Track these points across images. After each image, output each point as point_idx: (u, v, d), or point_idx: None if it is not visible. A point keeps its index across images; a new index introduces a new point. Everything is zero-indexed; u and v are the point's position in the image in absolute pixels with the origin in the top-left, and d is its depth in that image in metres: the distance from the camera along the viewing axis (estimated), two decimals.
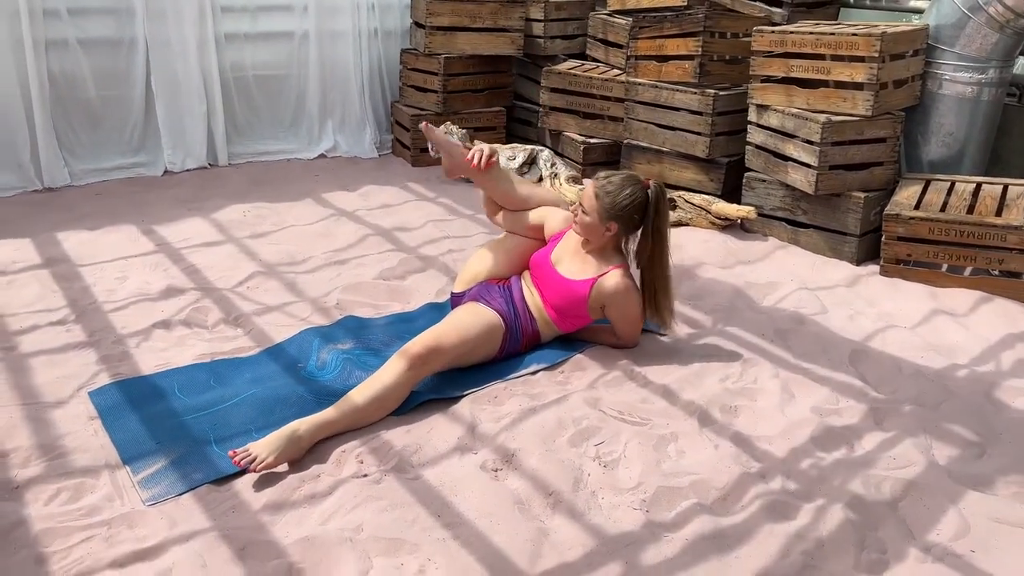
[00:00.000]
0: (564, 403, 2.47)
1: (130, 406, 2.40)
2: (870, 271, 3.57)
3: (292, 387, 2.50)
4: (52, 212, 4.03)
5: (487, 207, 3.04)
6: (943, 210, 3.43)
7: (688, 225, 4.02)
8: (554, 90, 4.86)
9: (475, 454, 2.25)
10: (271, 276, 3.35)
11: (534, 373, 2.65)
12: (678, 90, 4.22)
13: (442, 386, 2.55)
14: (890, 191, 3.71)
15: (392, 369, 2.40)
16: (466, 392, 2.52)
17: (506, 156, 4.56)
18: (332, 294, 3.20)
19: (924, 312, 3.18)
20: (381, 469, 2.17)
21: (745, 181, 4.01)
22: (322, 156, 5.19)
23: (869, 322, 3.10)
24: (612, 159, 4.70)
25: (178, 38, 4.66)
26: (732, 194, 4.16)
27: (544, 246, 2.87)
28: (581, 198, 2.71)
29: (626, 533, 1.97)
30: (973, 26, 3.69)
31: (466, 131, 4.69)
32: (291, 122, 5.22)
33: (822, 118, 3.58)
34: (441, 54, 4.96)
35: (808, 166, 3.63)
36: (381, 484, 2.11)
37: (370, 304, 3.15)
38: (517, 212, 2.93)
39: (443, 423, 2.38)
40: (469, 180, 3.06)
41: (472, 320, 2.62)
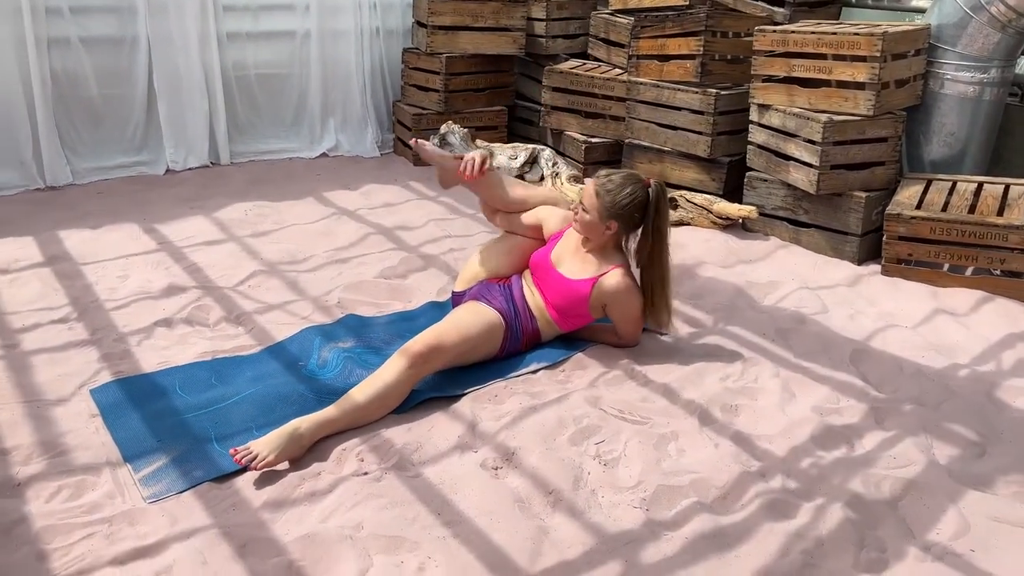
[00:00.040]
0: (565, 402, 2.47)
1: (131, 404, 2.41)
2: (871, 270, 3.57)
3: (293, 385, 2.51)
4: (54, 210, 4.03)
5: (484, 209, 3.05)
6: (944, 210, 3.43)
7: (689, 224, 4.02)
8: (556, 89, 4.86)
9: (475, 452, 2.25)
10: (272, 275, 3.36)
11: (535, 372, 2.65)
12: (680, 89, 4.22)
13: (443, 384, 2.55)
14: (891, 191, 3.71)
15: (393, 367, 2.40)
16: (467, 390, 2.52)
17: (507, 155, 4.55)
18: (333, 293, 3.20)
19: (925, 312, 3.18)
20: (382, 467, 2.17)
21: (746, 180, 4.01)
22: (324, 155, 5.20)
23: (870, 321, 3.09)
24: (614, 158, 4.70)
25: (180, 37, 4.67)
26: (733, 193, 4.16)
27: (543, 245, 2.87)
28: (581, 196, 2.71)
29: (626, 531, 1.97)
30: (975, 26, 3.69)
31: (468, 130, 4.68)
32: (293, 121, 5.22)
33: (824, 118, 3.58)
34: (443, 53, 4.96)
35: (809, 165, 3.63)
36: (381, 482, 2.11)
37: (371, 303, 3.15)
38: (515, 213, 2.94)
39: (444, 421, 2.38)
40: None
41: (473, 319, 2.63)
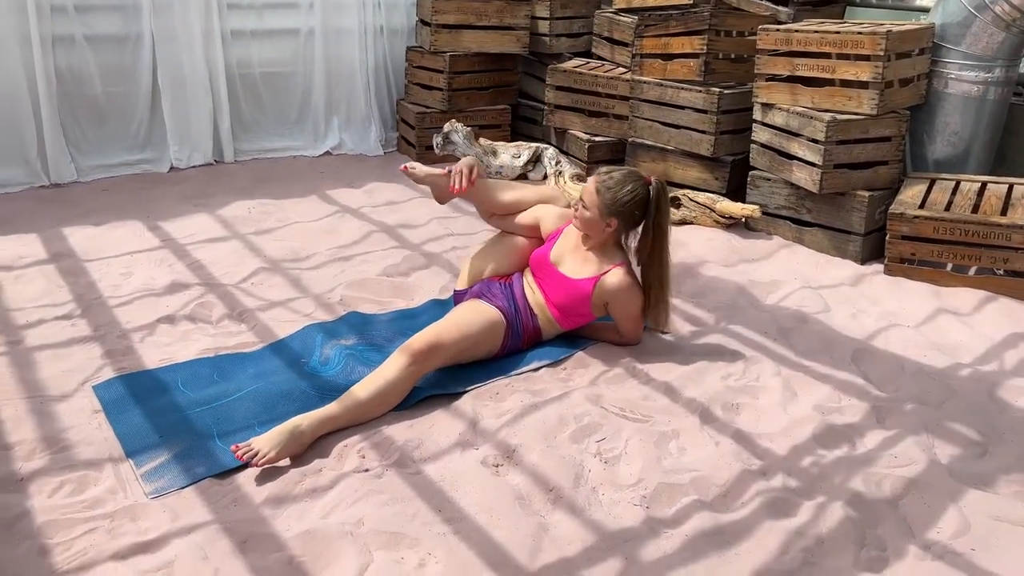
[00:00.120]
0: (566, 399, 2.47)
1: (134, 400, 2.42)
2: (874, 270, 3.56)
3: (295, 382, 2.51)
4: (58, 208, 4.04)
5: (482, 213, 3.06)
6: (948, 209, 3.42)
7: (692, 223, 4.02)
8: (559, 88, 4.86)
9: (476, 449, 2.25)
10: (275, 272, 3.36)
11: (536, 370, 2.65)
12: (683, 88, 4.21)
13: (444, 382, 2.56)
14: (895, 190, 3.70)
15: (394, 365, 2.41)
16: (468, 388, 2.53)
17: (511, 154, 4.56)
18: (336, 290, 3.21)
19: (928, 311, 3.18)
20: (382, 464, 2.18)
21: (750, 179, 4.01)
22: (327, 153, 5.20)
23: (872, 321, 3.09)
24: (617, 157, 4.69)
25: (184, 34, 4.67)
26: (737, 192, 4.15)
27: (543, 244, 2.87)
28: (582, 193, 2.71)
29: (626, 529, 1.97)
30: (979, 25, 3.68)
31: (471, 129, 4.69)
32: (296, 119, 5.23)
33: (827, 117, 3.58)
34: (447, 52, 4.96)
35: (813, 165, 3.63)
36: (382, 479, 2.12)
37: (373, 300, 3.16)
38: (512, 215, 2.95)
39: (445, 419, 2.39)
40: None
41: (473, 317, 2.63)
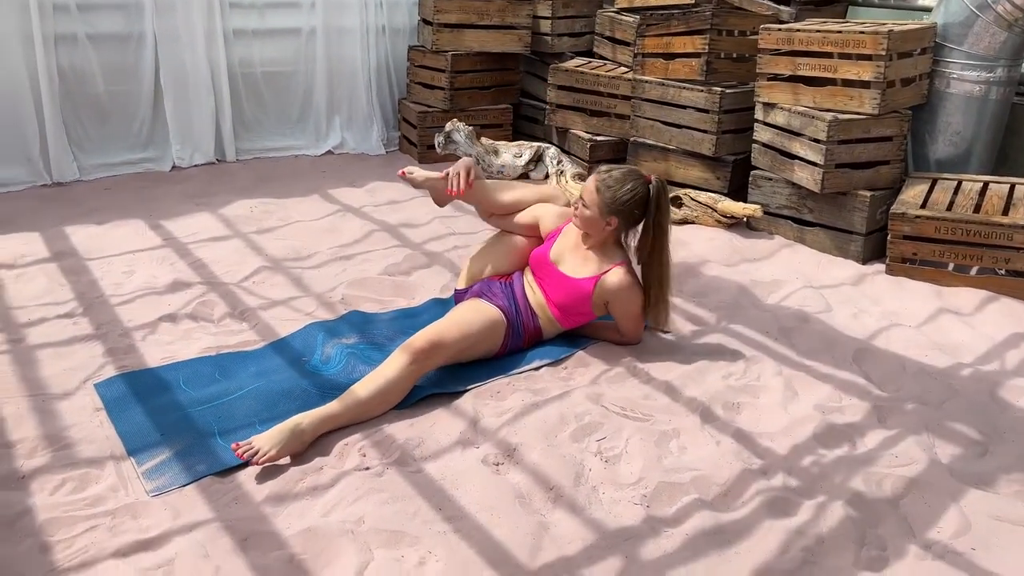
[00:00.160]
0: (566, 399, 2.48)
1: (135, 398, 2.42)
2: (876, 270, 3.56)
3: (296, 381, 2.51)
4: (61, 206, 4.05)
5: (480, 212, 3.06)
6: (949, 209, 3.42)
7: (694, 223, 4.02)
8: (561, 87, 4.86)
9: (477, 448, 2.26)
10: (277, 271, 3.37)
11: (537, 369, 2.66)
12: (685, 88, 4.21)
13: (445, 381, 2.56)
14: (896, 190, 3.70)
15: (395, 363, 2.41)
16: (469, 387, 2.53)
17: (512, 153, 4.56)
18: (337, 289, 3.21)
19: (929, 311, 3.17)
20: (383, 462, 2.18)
21: (751, 179, 4.01)
22: (329, 152, 5.21)
23: (874, 320, 3.09)
24: (619, 156, 4.69)
25: (187, 33, 4.68)
26: (738, 192, 4.15)
27: (542, 243, 2.88)
28: (582, 191, 2.71)
29: (626, 528, 1.98)
30: (981, 24, 3.68)
31: (472, 128, 4.69)
32: (298, 118, 5.23)
33: (829, 116, 3.58)
34: (448, 51, 4.96)
35: (814, 164, 3.63)
36: (383, 477, 2.12)
37: (375, 299, 3.16)
38: (511, 215, 2.95)
39: (446, 417, 2.39)
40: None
41: (474, 316, 2.63)
